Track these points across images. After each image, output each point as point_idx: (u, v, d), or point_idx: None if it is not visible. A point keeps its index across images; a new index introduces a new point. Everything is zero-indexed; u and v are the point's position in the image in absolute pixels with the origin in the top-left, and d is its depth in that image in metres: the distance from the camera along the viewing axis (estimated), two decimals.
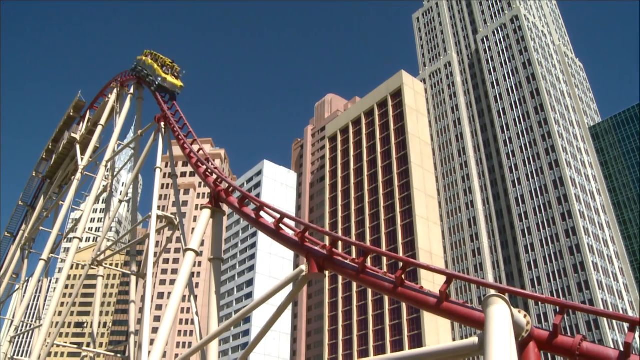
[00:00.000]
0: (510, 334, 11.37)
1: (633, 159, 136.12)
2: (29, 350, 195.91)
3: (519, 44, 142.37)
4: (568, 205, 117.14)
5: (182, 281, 23.55)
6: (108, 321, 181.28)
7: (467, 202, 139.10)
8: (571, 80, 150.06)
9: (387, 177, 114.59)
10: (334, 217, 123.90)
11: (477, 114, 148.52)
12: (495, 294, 12.12)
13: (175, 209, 35.09)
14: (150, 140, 36.76)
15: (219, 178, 26.07)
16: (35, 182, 54.82)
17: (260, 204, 21.43)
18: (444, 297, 13.85)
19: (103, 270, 41.38)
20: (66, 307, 39.49)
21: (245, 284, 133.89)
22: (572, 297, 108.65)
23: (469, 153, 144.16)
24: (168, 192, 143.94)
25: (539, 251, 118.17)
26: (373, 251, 16.73)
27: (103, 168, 41.44)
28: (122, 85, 46.40)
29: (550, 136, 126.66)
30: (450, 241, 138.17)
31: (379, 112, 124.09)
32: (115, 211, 44.44)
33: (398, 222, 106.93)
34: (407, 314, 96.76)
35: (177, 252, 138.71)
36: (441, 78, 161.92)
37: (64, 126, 51.58)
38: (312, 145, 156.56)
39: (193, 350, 21.45)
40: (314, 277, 18.02)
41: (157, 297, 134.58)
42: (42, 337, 33.72)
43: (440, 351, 13.43)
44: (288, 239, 20.17)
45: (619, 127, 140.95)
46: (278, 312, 18.78)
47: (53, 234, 42.00)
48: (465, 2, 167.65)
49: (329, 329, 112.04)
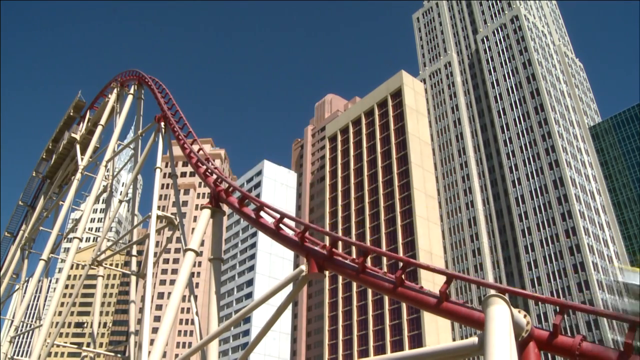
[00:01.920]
0: (510, 334, 11.37)
1: (633, 159, 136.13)
2: (29, 350, 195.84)
3: (519, 44, 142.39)
4: (568, 205, 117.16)
5: (182, 281, 23.53)
6: (108, 321, 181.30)
7: (467, 202, 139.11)
8: (571, 80, 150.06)
9: (387, 177, 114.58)
10: (334, 217, 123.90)
11: (477, 114, 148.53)
12: (495, 294, 12.11)
13: (175, 209, 35.06)
14: (150, 141, 36.71)
15: (219, 178, 26.05)
16: (35, 182, 54.79)
17: (260, 204, 21.41)
18: (444, 297, 13.84)
19: (103, 270, 41.34)
20: (66, 307, 39.47)
21: (245, 284, 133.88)
22: (572, 297, 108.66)
23: (469, 153, 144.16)
24: (168, 192, 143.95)
25: (539, 251, 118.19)
26: (373, 251, 16.72)
27: (103, 168, 41.39)
28: (122, 85, 46.35)
29: (550, 136, 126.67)
30: (450, 241, 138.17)
31: (379, 112, 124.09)
32: (115, 211, 44.42)
33: (398, 222, 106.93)
34: (407, 314, 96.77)
35: (177, 252, 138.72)
36: (441, 78, 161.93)
37: (64, 126, 51.55)
38: (312, 145, 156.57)
39: (193, 350, 21.45)
40: (314, 277, 18.00)
41: (157, 297, 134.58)
42: (42, 337, 33.69)
43: (440, 351, 13.43)
44: (288, 239, 20.16)
45: (619, 127, 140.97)
46: (278, 312, 18.76)
47: (53, 234, 41.97)
48: (465, 2, 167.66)
49: (329, 329, 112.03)
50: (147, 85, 42.02)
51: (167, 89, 38.67)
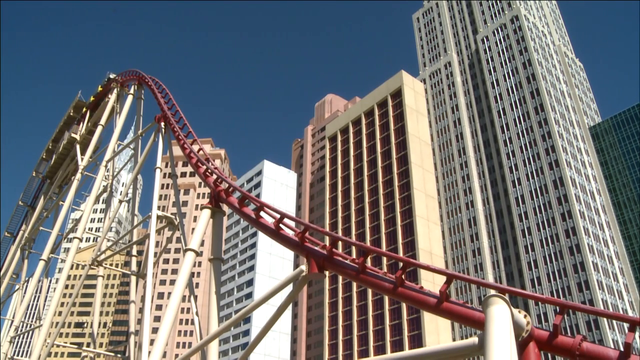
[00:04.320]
0: (510, 334, 11.36)
1: (633, 159, 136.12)
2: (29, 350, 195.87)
3: (519, 44, 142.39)
4: (568, 205, 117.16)
5: (182, 281, 23.52)
6: (108, 321, 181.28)
7: (467, 202, 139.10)
8: (571, 80, 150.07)
9: (387, 177, 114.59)
10: (334, 217, 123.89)
11: (477, 114, 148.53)
12: (495, 294, 12.11)
13: (175, 209, 35.06)
14: (150, 141, 36.72)
15: (219, 178, 26.04)
16: (35, 182, 54.79)
17: (260, 204, 21.40)
18: (444, 297, 13.83)
19: (103, 270, 41.35)
20: (66, 307, 39.47)
21: (245, 284, 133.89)
22: (572, 297, 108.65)
23: (469, 153, 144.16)
24: (168, 192, 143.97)
25: (539, 251, 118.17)
26: (373, 251, 16.71)
27: (103, 168, 41.40)
28: (122, 85, 46.37)
29: (550, 136, 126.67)
30: (450, 241, 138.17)
31: (379, 112, 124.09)
32: (115, 211, 44.42)
33: (398, 222, 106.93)
34: (407, 314, 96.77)
35: (177, 252, 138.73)
36: (441, 78, 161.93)
37: (64, 126, 51.58)
38: (312, 146, 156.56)
39: (193, 350, 21.44)
40: (314, 277, 18.00)
41: (157, 297, 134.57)
42: (42, 337, 33.68)
43: (440, 351, 13.43)
44: (288, 239, 20.15)
45: (619, 127, 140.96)
46: (278, 312, 18.76)
47: (53, 234, 41.98)
48: (465, 2, 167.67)
49: (329, 329, 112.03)
50: (147, 85, 42.01)
51: (167, 89, 38.66)
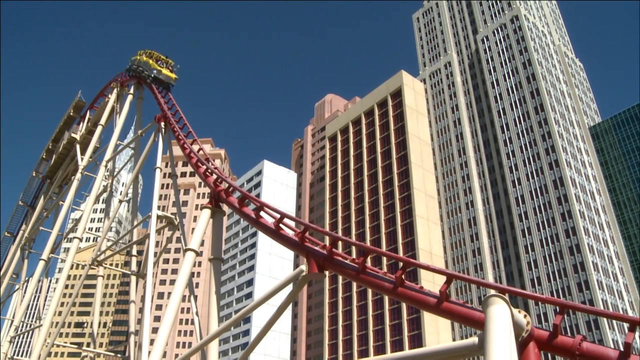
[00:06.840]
0: (510, 334, 11.37)
1: (633, 159, 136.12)
2: (29, 350, 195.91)
3: (519, 44, 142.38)
4: (568, 205, 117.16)
5: (182, 281, 23.55)
6: (108, 321, 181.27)
7: (467, 202, 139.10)
8: (571, 80, 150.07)
9: (387, 177, 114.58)
10: (334, 217, 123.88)
11: (477, 114, 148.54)
12: (495, 294, 12.12)
13: (175, 209, 35.10)
14: (150, 140, 36.76)
15: (219, 178, 26.07)
16: (35, 182, 54.81)
17: (260, 204, 21.42)
18: (444, 297, 13.85)
19: (103, 270, 41.40)
20: (66, 307, 39.49)
21: (245, 284, 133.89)
22: (572, 297, 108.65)
23: (469, 153, 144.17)
24: (168, 192, 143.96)
25: (539, 251, 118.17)
26: (373, 251, 16.73)
27: (103, 168, 41.42)
28: (122, 85, 46.37)
29: (550, 136, 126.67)
30: (450, 241, 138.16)
31: (379, 112, 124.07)
32: (115, 211, 44.46)
33: (398, 222, 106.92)
34: (407, 314, 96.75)
35: (177, 252, 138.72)
36: (441, 78, 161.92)
37: (64, 126, 51.57)
38: (312, 145, 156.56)
39: (193, 350, 21.46)
40: (314, 277, 18.02)
41: (157, 297, 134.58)
42: (42, 337, 33.71)
43: (440, 351, 13.44)
44: (288, 239, 20.17)
45: (619, 127, 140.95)
46: (278, 312, 18.78)
47: (53, 234, 41.99)
48: (465, 2, 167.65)
49: (329, 329, 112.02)
50: (147, 85, 42.04)
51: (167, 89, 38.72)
